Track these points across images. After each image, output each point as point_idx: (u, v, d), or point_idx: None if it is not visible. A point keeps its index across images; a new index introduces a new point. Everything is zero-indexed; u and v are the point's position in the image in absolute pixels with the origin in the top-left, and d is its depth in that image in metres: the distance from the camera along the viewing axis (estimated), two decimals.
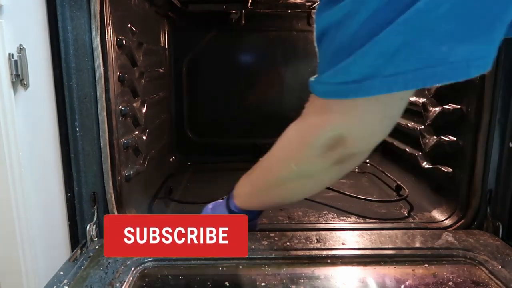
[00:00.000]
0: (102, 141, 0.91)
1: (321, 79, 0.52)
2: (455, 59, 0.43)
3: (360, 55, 0.46)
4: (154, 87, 1.39)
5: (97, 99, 0.89)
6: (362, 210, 1.13)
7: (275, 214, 1.09)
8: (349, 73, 0.48)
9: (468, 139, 0.99)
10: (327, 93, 0.52)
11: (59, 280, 0.72)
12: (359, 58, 0.46)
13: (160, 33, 1.56)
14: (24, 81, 0.79)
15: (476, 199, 0.96)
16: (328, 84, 0.51)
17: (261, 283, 0.73)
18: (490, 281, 0.74)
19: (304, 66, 1.66)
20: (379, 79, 0.45)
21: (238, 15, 1.58)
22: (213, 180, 1.46)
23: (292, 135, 0.63)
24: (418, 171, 1.25)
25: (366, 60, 0.46)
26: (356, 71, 0.47)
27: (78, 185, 0.92)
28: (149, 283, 0.73)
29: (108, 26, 0.90)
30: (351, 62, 0.47)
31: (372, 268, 0.79)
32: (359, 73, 0.47)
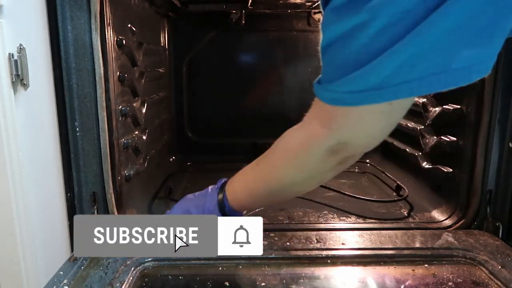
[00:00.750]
0: (102, 141, 0.91)
1: (329, 87, 0.54)
2: (458, 66, 0.45)
3: (369, 68, 0.47)
4: (154, 87, 1.39)
5: (97, 99, 0.89)
6: (362, 210, 1.13)
7: (275, 214, 1.10)
8: (357, 84, 0.49)
9: (468, 139, 0.98)
10: (333, 100, 0.54)
11: (59, 280, 0.72)
12: (368, 71, 0.48)
13: (160, 33, 1.56)
14: (24, 81, 0.79)
15: (476, 199, 0.96)
16: (335, 92, 0.53)
17: (261, 283, 0.73)
18: (490, 281, 0.74)
19: (304, 66, 1.66)
20: (386, 89, 0.48)
21: (238, 15, 1.58)
22: (213, 180, 1.46)
23: (294, 142, 0.65)
24: (418, 171, 1.25)
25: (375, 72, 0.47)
26: (364, 82, 0.49)
27: (78, 185, 0.92)
28: (149, 283, 0.74)
29: (108, 26, 0.90)
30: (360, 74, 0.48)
31: (372, 268, 0.79)
32: (367, 83, 0.49)
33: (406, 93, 0.47)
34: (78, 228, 0.65)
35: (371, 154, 1.65)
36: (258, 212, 1.13)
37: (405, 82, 0.46)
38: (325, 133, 0.58)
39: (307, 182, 0.68)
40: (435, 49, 0.45)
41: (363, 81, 0.49)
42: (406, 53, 0.45)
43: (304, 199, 1.21)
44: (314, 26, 1.62)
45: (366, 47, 0.48)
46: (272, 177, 0.70)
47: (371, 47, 0.47)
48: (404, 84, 0.47)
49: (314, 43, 1.64)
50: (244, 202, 0.77)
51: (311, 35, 1.64)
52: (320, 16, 1.61)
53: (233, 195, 0.78)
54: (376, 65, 0.47)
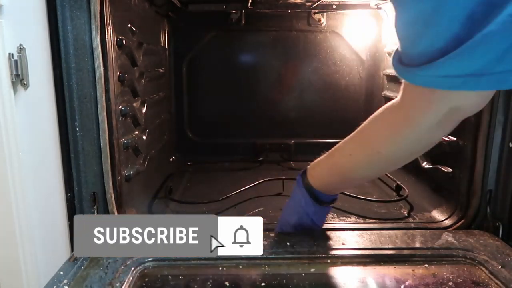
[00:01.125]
0: (102, 141, 0.91)
1: (419, 72, 0.50)
2: None
3: (467, 52, 0.43)
4: (154, 87, 1.39)
5: (97, 99, 0.89)
6: (362, 210, 1.13)
7: (275, 214, 1.10)
8: (453, 68, 0.46)
9: (468, 139, 0.98)
10: (428, 83, 0.52)
11: (59, 280, 0.72)
12: (466, 54, 0.44)
13: (160, 33, 1.56)
14: (24, 81, 0.79)
15: (476, 199, 0.96)
16: (428, 77, 0.50)
17: (261, 283, 0.73)
18: (490, 281, 0.74)
19: (304, 66, 1.66)
20: (487, 76, 0.44)
21: (238, 15, 1.58)
22: (213, 180, 1.46)
23: (396, 118, 0.65)
24: (418, 171, 1.25)
25: (475, 56, 0.43)
26: (461, 67, 0.45)
27: (78, 185, 0.92)
28: (149, 283, 0.73)
29: (108, 26, 0.90)
30: (456, 58, 0.45)
31: (372, 268, 0.79)
32: (465, 68, 0.45)
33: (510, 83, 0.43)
34: (78, 228, 0.65)
35: None
36: (258, 212, 1.14)
37: (509, 71, 0.42)
38: (432, 105, 0.56)
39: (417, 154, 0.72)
40: None
41: (460, 65, 0.44)
42: (509, 38, 0.41)
43: None
44: (314, 26, 1.62)
45: (460, 28, 0.43)
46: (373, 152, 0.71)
47: (464, 27, 0.43)
48: (508, 73, 0.42)
49: (314, 43, 1.64)
50: (330, 187, 0.80)
51: (311, 35, 1.64)
52: (320, 16, 1.61)
53: (318, 180, 0.80)
54: (476, 48, 0.42)
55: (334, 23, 1.63)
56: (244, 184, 1.25)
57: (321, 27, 1.62)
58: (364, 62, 1.65)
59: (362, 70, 1.66)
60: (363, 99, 1.67)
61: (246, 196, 1.22)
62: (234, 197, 1.20)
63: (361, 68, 1.66)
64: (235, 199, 1.20)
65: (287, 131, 1.69)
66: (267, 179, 1.30)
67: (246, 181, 1.27)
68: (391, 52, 1.57)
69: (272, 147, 1.69)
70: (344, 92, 1.67)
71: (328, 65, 1.64)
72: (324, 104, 1.67)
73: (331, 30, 1.63)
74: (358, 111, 1.66)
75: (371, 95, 1.66)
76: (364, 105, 1.67)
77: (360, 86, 1.67)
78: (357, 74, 1.66)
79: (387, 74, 1.57)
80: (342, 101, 1.67)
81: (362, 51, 1.64)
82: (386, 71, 1.58)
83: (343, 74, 1.66)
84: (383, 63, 1.62)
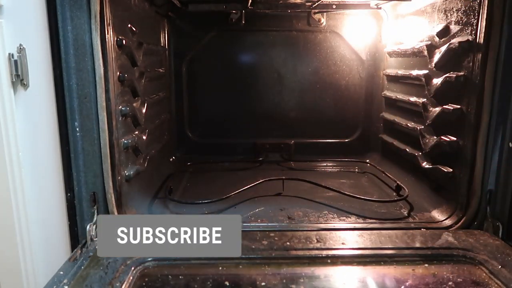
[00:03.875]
0: (102, 141, 0.91)
1: None
2: None
3: None
4: (154, 87, 1.39)
5: (97, 99, 0.89)
6: (362, 210, 1.13)
7: (275, 214, 1.10)
8: None
9: (468, 139, 0.99)
10: None
11: (59, 280, 0.72)
12: None
13: (160, 33, 1.56)
14: (24, 81, 0.79)
15: (476, 199, 0.97)
16: None
17: (261, 283, 0.73)
18: (490, 281, 0.74)
19: (304, 66, 1.66)
20: None
21: (238, 15, 1.59)
22: (213, 180, 1.46)
23: None
24: (418, 171, 1.25)
25: None
26: None
27: (78, 185, 0.92)
28: (149, 283, 0.73)
29: (108, 26, 0.90)
30: None
31: (372, 268, 0.79)
32: None
33: None
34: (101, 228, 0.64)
35: (371, 154, 1.65)
36: (258, 212, 1.13)
37: None
38: None
39: None
40: None
41: None
42: None
43: (304, 199, 1.21)
44: (314, 26, 1.62)
45: None
46: None
47: None
48: None
49: (314, 43, 1.64)
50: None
51: (311, 35, 1.64)
52: (320, 16, 1.61)
53: None
54: None
55: (334, 23, 1.63)
56: (244, 184, 1.25)
57: (321, 27, 1.62)
58: (364, 62, 1.65)
59: (362, 70, 1.66)
60: (363, 99, 1.67)
61: (246, 196, 1.22)
62: (234, 197, 1.20)
63: (361, 68, 1.66)
64: (235, 199, 1.20)
65: (287, 131, 1.69)
66: (267, 179, 1.30)
67: (246, 181, 1.27)
68: (391, 52, 1.58)
69: (272, 147, 1.69)
70: (344, 92, 1.67)
71: (328, 65, 1.64)
72: (324, 104, 1.67)
73: (331, 30, 1.63)
74: (358, 111, 1.66)
75: (371, 95, 1.66)
76: (364, 105, 1.67)
77: (360, 86, 1.67)
78: (357, 74, 1.66)
79: (387, 74, 1.57)
80: (342, 101, 1.67)
81: (362, 51, 1.65)
82: (386, 71, 1.58)
83: (343, 74, 1.66)
84: (383, 63, 1.62)
